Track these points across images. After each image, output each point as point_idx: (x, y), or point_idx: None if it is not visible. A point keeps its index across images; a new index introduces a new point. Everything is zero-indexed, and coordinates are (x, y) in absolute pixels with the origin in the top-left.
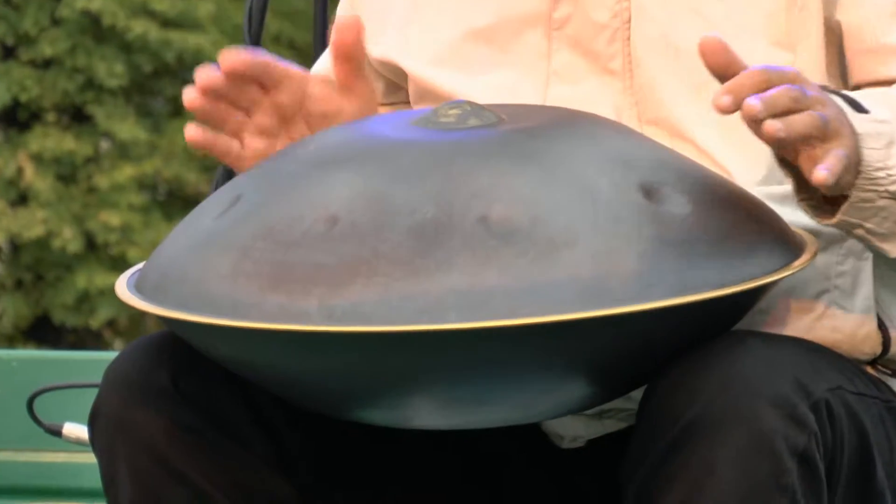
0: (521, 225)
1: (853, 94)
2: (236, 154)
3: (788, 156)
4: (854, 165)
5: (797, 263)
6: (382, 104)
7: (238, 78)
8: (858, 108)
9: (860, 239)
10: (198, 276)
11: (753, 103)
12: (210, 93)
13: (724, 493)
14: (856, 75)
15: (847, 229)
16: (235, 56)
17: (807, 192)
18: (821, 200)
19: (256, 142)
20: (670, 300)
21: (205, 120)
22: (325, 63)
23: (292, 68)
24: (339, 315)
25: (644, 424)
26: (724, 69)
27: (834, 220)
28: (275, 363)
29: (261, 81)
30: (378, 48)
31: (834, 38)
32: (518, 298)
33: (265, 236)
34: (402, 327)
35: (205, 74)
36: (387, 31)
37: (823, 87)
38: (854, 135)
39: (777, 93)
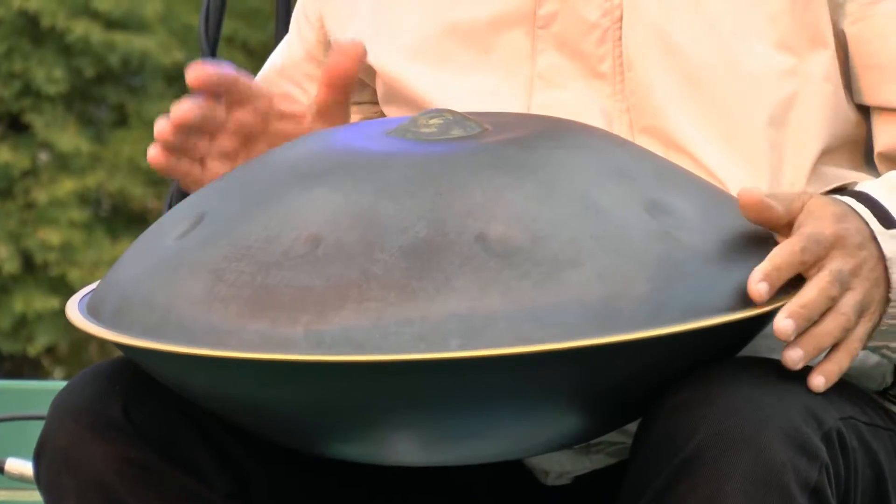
0: (522, 244)
1: (883, 197)
2: (196, 178)
3: None
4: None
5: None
6: None
7: (209, 97)
8: (888, 220)
9: (882, 356)
10: (166, 302)
11: (785, 326)
12: (182, 127)
13: None
14: (866, 94)
15: (871, 349)
16: (204, 71)
17: None
18: None
19: (217, 165)
20: (688, 324)
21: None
22: (283, 54)
23: (257, 84)
24: (329, 342)
25: (642, 454)
26: (759, 222)
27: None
28: (254, 395)
29: (227, 99)
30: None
31: (841, 49)
32: (523, 324)
33: (240, 257)
34: (401, 356)
35: (180, 109)
36: (355, 22)
37: (856, 195)
38: (881, 259)
39: (812, 306)
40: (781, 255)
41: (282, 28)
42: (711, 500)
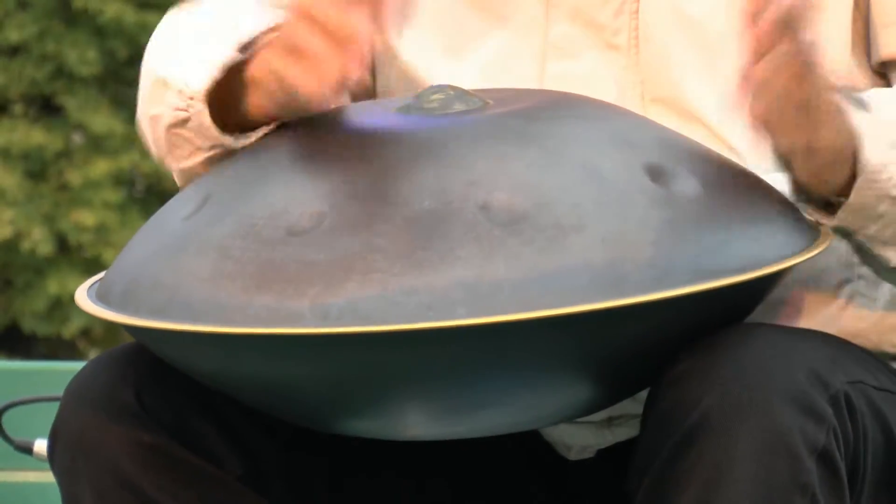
0: (525, 211)
1: (860, 94)
2: None
3: (780, 146)
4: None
5: (816, 246)
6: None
7: None
8: (862, 105)
9: (861, 244)
10: (173, 282)
11: None
12: None
13: (739, 494)
14: (882, 50)
15: (846, 233)
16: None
17: (804, 193)
18: (818, 203)
19: None
20: (692, 287)
21: None
22: None
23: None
24: (335, 315)
25: (650, 424)
26: None
27: (833, 223)
28: (263, 371)
29: None
30: None
31: (861, 14)
32: (528, 289)
33: (245, 235)
34: (407, 325)
35: None
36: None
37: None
38: (853, 134)
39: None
40: None
41: None
42: (720, 467)
